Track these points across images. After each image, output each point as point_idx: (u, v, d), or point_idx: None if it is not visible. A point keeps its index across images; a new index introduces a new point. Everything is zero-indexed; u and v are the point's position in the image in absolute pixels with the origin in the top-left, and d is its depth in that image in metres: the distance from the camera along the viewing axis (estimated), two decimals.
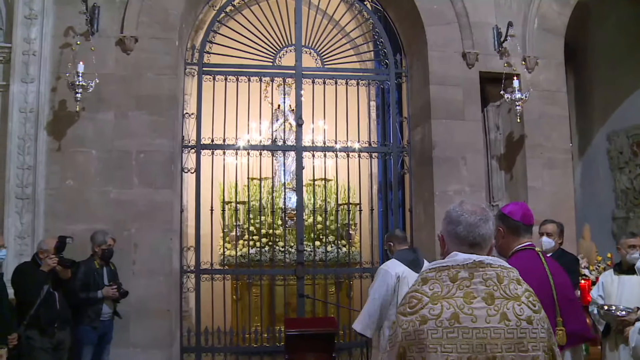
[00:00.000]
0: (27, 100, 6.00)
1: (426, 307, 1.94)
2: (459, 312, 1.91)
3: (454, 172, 6.84)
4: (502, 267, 2.01)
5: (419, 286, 2.01)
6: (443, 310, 1.91)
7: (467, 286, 1.95)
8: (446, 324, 1.90)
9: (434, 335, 1.89)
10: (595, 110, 8.25)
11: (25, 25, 6.07)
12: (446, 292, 1.95)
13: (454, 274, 1.98)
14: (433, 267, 2.04)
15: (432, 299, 1.95)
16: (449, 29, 7.04)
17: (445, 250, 2.12)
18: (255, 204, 7.92)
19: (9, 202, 5.86)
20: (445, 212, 2.15)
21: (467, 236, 2.05)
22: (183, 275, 6.76)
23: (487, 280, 1.97)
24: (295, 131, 7.62)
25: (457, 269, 1.99)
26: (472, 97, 6.99)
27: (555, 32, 7.28)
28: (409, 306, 1.98)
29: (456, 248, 2.06)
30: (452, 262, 2.01)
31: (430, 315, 1.92)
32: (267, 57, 7.29)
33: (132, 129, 6.27)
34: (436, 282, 1.98)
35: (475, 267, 1.99)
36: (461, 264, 2.00)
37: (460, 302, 1.93)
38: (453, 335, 1.89)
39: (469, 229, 2.05)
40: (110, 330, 5.73)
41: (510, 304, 1.94)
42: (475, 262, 1.99)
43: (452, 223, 2.09)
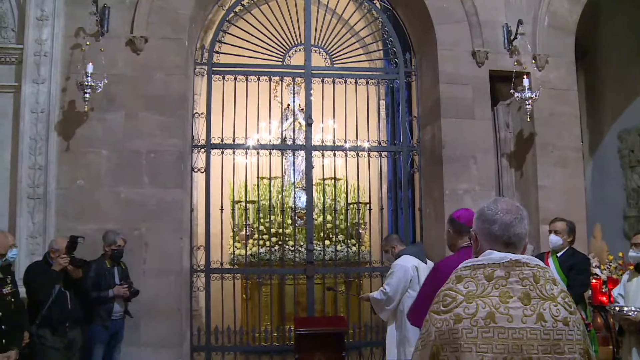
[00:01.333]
0: (39, 101, 6.05)
1: (461, 306, 1.90)
2: (494, 312, 1.87)
3: (464, 171, 6.82)
4: (538, 266, 1.97)
5: (453, 284, 1.97)
6: (478, 310, 1.88)
7: (503, 285, 1.91)
8: (481, 323, 1.86)
9: (469, 335, 1.86)
10: (606, 109, 8.20)
11: (36, 27, 6.11)
12: (481, 290, 1.91)
13: (489, 272, 1.94)
14: (468, 265, 2.00)
15: (467, 298, 1.91)
16: (458, 28, 7.02)
17: (479, 249, 2.07)
18: (265, 203, 7.93)
19: (20, 202, 5.91)
20: (479, 210, 2.11)
21: (502, 235, 2.01)
22: (193, 275, 6.78)
23: (524, 280, 1.92)
24: (304, 130, 7.62)
25: (493, 268, 1.94)
26: (482, 96, 6.97)
27: (566, 30, 7.24)
28: (443, 304, 1.94)
29: (490, 247, 2.02)
30: (487, 260, 1.97)
31: (465, 314, 1.88)
32: (276, 56, 7.30)
33: (142, 129, 6.30)
34: (471, 281, 1.94)
35: (512, 266, 1.94)
36: (497, 262, 1.95)
37: (496, 302, 1.88)
38: (488, 335, 1.85)
39: (504, 228, 2.01)
40: (121, 329, 5.76)
41: (547, 305, 1.89)
42: (512, 261, 1.95)
43: (487, 222, 2.05)
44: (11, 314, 4.14)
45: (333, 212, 8.09)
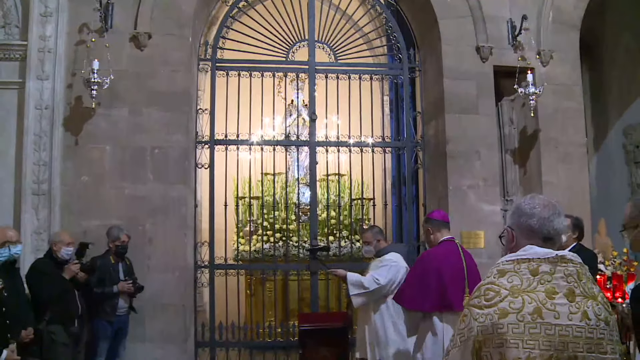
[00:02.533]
0: (43, 97, 6.06)
1: (505, 300, 1.85)
2: (541, 307, 1.82)
3: (468, 166, 6.81)
4: (581, 264, 1.94)
5: (496, 278, 1.92)
6: (525, 304, 1.83)
7: (549, 281, 1.87)
8: (528, 318, 1.81)
9: (516, 330, 1.80)
10: (611, 104, 8.16)
11: (40, 23, 6.12)
12: (527, 285, 1.87)
13: (534, 267, 1.89)
14: (511, 259, 1.95)
15: (512, 292, 1.86)
16: (462, 23, 7.00)
17: (514, 245, 2.03)
18: (269, 199, 7.93)
19: (25, 198, 5.92)
20: (515, 205, 2.09)
21: (541, 229, 1.98)
22: (197, 271, 6.80)
23: (569, 277, 1.88)
24: (308, 126, 7.61)
25: (538, 263, 1.90)
26: (486, 92, 6.95)
27: (571, 25, 7.21)
28: (485, 299, 1.89)
29: (528, 242, 1.98)
30: (532, 254, 1.93)
31: (511, 309, 1.83)
32: (280, 52, 7.30)
33: (146, 125, 6.31)
34: (515, 275, 1.89)
35: (558, 261, 1.90)
36: (542, 257, 1.91)
37: (542, 297, 1.84)
38: (535, 331, 1.80)
39: (542, 222, 1.98)
40: (126, 324, 5.79)
41: (590, 303, 1.86)
42: (558, 257, 1.91)
43: (525, 215, 2.01)
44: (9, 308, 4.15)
45: (337, 207, 8.09)
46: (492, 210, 6.79)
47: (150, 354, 5.99)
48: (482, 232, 6.70)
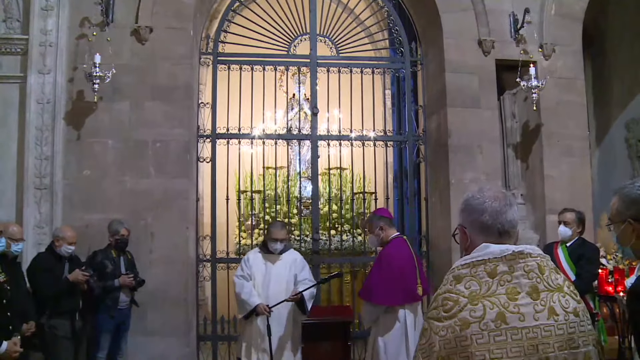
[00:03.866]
0: (44, 91, 6.05)
1: (465, 309, 1.69)
2: (504, 311, 1.68)
3: (470, 160, 6.80)
4: (541, 256, 1.79)
5: (452, 285, 1.77)
6: (486, 311, 1.68)
7: (509, 281, 1.72)
8: (492, 326, 1.66)
9: (480, 341, 1.65)
10: (614, 98, 8.14)
11: (41, 17, 6.11)
12: (486, 289, 1.71)
13: (492, 268, 1.74)
14: (465, 263, 1.79)
15: (471, 299, 1.70)
16: (464, 16, 6.98)
17: (469, 244, 1.87)
18: (271, 193, 7.93)
19: (27, 192, 5.93)
20: (463, 201, 1.92)
21: (495, 224, 1.82)
22: (199, 264, 6.81)
23: (530, 273, 1.74)
24: (310, 120, 7.61)
25: (495, 263, 1.75)
26: (488, 85, 6.93)
27: (573, 18, 7.18)
28: (444, 310, 1.73)
29: (483, 239, 1.82)
30: (486, 254, 1.77)
31: (472, 318, 1.68)
32: (281, 46, 7.29)
33: (148, 119, 6.31)
34: (472, 280, 1.74)
35: (515, 258, 1.75)
36: (499, 256, 1.76)
37: (504, 300, 1.69)
38: (501, 339, 1.65)
39: (495, 216, 1.82)
40: (127, 318, 5.79)
41: (556, 297, 1.73)
42: (515, 253, 1.76)
43: (475, 212, 1.85)
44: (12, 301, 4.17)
45: (339, 201, 8.09)
46: None
47: (152, 348, 6.00)
48: None
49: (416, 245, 7.36)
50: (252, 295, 5.15)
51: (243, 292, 5.17)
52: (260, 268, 5.35)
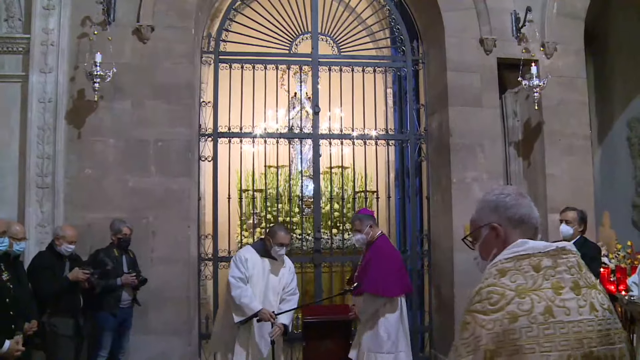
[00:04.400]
0: (46, 90, 6.06)
1: (513, 303, 1.68)
2: (551, 305, 1.67)
3: (472, 159, 6.80)
4: (578, 254, 1.82)
5: (496, 279, 1.75)
6: (534, 305, 1.67)
7: (552, 276, 1.73)
8: (540, 319, 1.65)
9: (529, 334, 1.64)
10: (616, 96, 8.12)
11: (43, 16, 6.11)
12: (532, 283, 1.71)
13: (536, 262, 1.75)
14: (509, 257, 1.78)
15: (519, 293, 1.70)
16: (466, 15, 6.97)
17: (503, 240, 1.87)
18: (273, 192, 7.94)
19: (29, 191, 5.94)
20: (489, 200, 1.93)
21: (530, 220, 1.87)
22: (201, 263, 6.82)
23: (571, 268, 1.75)
24: (311, 119, 7.61)
25: (539, 257, 1.76)
26: (489, 84, 6.93)
27: (575, 16, 7.17)
28: (489, 303, 1.70)
29: (520, 235, 1.85)
30: (531, 249, 1.78)
31: (521, 311, 1.66)
32: (283, 44, 7.29)
33: (150, 118, 6.31)
34: (517, 273, 1.74)
35: (558, 254, 1.77)
36: (543, 251, 1.77)
37: (550, 294, 1.69)
38: (550, 332, 1.65)
39: (530, 212, 1.88)
40: (129, 317, 5.80)
41: (594, 293, 1.74)
42: (558, 249, 1.78)
43: (510, 207, 1.88)
44: (14, 300, 4.19)
45: (340, 200, 8.09)
46: None
47: (154, 346, 6.01)
48: None
49: (418, 244, 7.38)
50: (253, 299, 4.84)
51: (244, 295, 4.81)
52: (259, 272, 5.01)
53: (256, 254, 5.05)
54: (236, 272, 4.90)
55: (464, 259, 6.59)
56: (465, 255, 6.61)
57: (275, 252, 5.04)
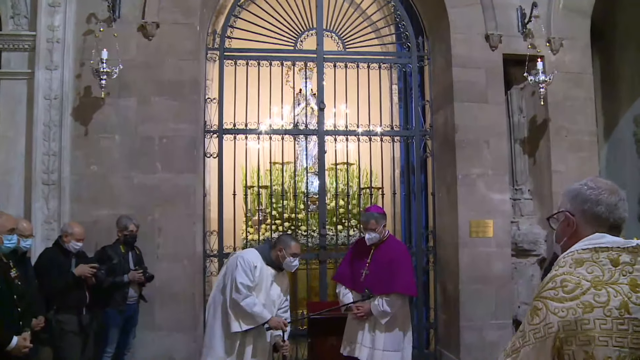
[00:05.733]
0: (52, 87, 6.08)
1: (589, 293, 1.65)
2: (627, 301, 1.63)
3: (477, 155, 6.79)
4: None
5: (572, 268, 1.73)
6: (610, 298, 1.63)
7: (630, 272, 1.68)
8: (616, 313, 1.61)
9: (604, 326, 1.61)
10: (622, 92, 8.07)
11: (48, 13, 6.13)
12: (609, 277, 1.68)
13: (615, 256, 1.71)
14: (588, 247, 1.75)
15: (595, 284, 1.67)
16: (471, 11, 6.94)
17: (574, 231, 1.87)
18: (278, 188, 7.94)
19: (35, 188, 5.96)
20: (575, 189, 1.91)
21: (609, 217, 1.81)
22: (206, 260, 6.84)
23: None
24: (317, 115, 7.61)
25: (618, 252, 1.71)
26: (495, 80, 6.91)
27: (581, 12, 7.13)
28: (564, 291, 1.69)
29: (593, 229, 1.81)
30: (611, 243, 1.74)
31: (597, 303, 1.64)
32: (288, 41, 7.28)
33: (155, 115, 6.32)
34: (594, 265, 1.71)
35: (638, 251, 1.72)
36: (622, 246, 1.73)
37: (627, 290, 1.64)
38: (623, 328, 1.60)
39: (610, 209, 1.81)
40: (136, 313, 5.83)
41: None
42: (638, 246, 1.72)
43: (589, 202, 1.84)
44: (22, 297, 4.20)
45: (346, 197, 8.09)
46: (501, 200, 6.77)
47: (160, 342, 6.03)
48: (490, 221, 6.68)
49: (423, 240, 7.37)
50: (264, 308, 4.62)
51: (255, 304, 4.56)
52: (263, 282, 4.75)
53: (263, 262, 4.78)
54: (246, 279, 4.59)
55: (470, 255, 6.60)
56: (470, 252, 6.61)
57: (289, 263, 4.79)
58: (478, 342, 6.51)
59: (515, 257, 6.81)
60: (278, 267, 4.81)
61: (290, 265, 4.80)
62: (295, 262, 4.83)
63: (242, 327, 4.56)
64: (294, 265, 4.85)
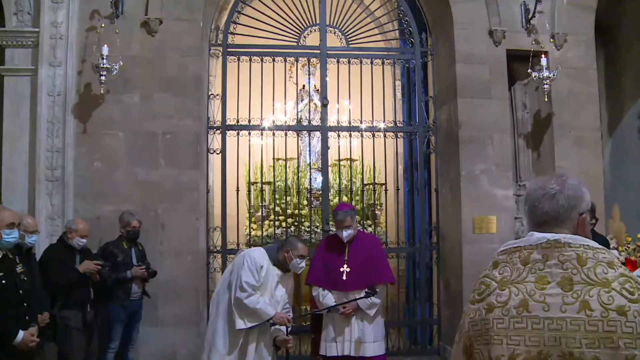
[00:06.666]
0: (55, 84, 6.09)
1: (493, 294, 1.72)
2: (528, 299, 1.66)
3: (481, 151, 6.77)
4: (585, 246, 1.69)
5: (490, 270, 1.79)
6: (511, 297, 1.68)
7: (540, 269, 1.68)
8: (513, 312, 1.66)
9: (500, 325, 1.67)
10: (626, 88, 8.04)
11: (52, 10, 6.13)
12: (516, 276, 1.71)
13: (525, 255, 1.72)
14: (505, 249, 1.79)
15: (500, 285, 1.72)
16: (475, 6, 6.92)
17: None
18: (281, 185, 7.95)
19: (39, 185, 5.98)
20: None
21: (532, 214, 1.81)
22: (210, 255, 6.85)
23: (565, 263, 1.66)
24: (320, 111, 7.60)
25: (530, 250, 1.72)
26: (498, 76, 6.89)
27: (586, 7, 7.10)
28: (477, 293, 1.78)
29: (531, 228, 1.81)
30: (524, 242, 1.75)
31: (497, 303, 1.70)
32: (291, 37, 7.27)
33: (158, 111, 6.32)
34: (507, 265, 1.74)
35: (550, 247, 1.70)
36: (534, 244, 1.72)
37: (530, 288, 1.67)
38: (521, 326, 1.65)
39: (534, 205, 1.79)
40: (139, 309, 5.83)
41: (595, 291, 1.61)
42: (550, 242, 1.70)
43: (527, 200, 1.85)
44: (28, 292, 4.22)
45: (349, 192, 8.09)
46: (505, 196, 6.76)
47: (163, 338, 6.05)
48: (494, 217, 6.67)
49: (426, 236, 7.37)
50: (268, 304, 4.58)
51: (259, 301, 4.51)
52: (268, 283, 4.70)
53: (270, 262, 4.72)
54: (251, 279, 4.54)
55: (473, 251, 6.59)
56: (473, 248, 6.61)
57: (296, 265, 4.74)
58: None
59: None
60: (284, 268, 4.78)
61: (297, 266, 4.77)
62: (302, 264, 4.79)
63: (246, 324, 4.54)
64: (301, 267, 4.81)
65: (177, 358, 6.11)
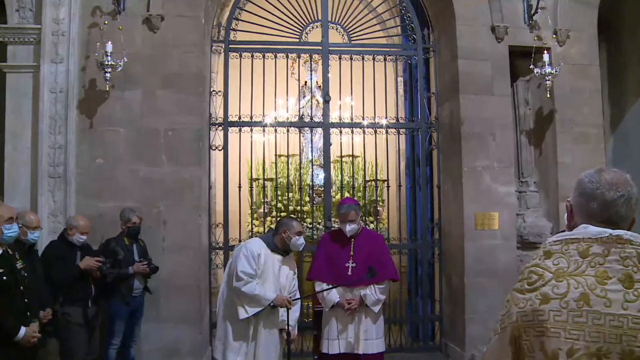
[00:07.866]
0: (57, 81, 6.08)
1: (548, 285, 1.65)
2: (589, 293, 1.60)
3: (483, 147, 6.76)
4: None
5: (541, 260, 1.73)
6: (570, 289, 1.62)
7: (600, 264, 1.64)
8: (573, 305, 1.60)
9: (557, 318, 1.61)
10: (629, 84, 8.02)
11: (53, 6, 6.12)
12: (574, 268, 1.65)
13: (584, 248, 1.67)
14: (559, 239, 1.73)
15: (556, 276, 1.66)
16: (477, 2, 6.90)
17: (573, 224, 1.81)
18: (283, 181, 7.95)
19: (41, 181, 5.98)
20: (578, 179, 1.82)
21: (601, 214, 1.73)
22: (212, 252, 6.86)
23: (625, 260, 1.63)
24: (322, 107, 7.60)
25: (589, 243, 1.67)
26: (501, 72, 6.87)
27: (588, 3, 7.07)
28: (528, 282, 1.70)
29: (585, 222, 1.75)
30: (582, 234, 1.70)
31: (554, 294, 1.63)
32: (293, 33, 7.27)
33: (160, 107, 6.32)
34: (562, 257, 1.69)
35: (612, 242, 1.65)
36: (594, 237, 1.68)
37: (591, 282, 1.61)
38: (581, 320, 1.59)
39: (605, 206, 1.72)
40: (141, 305, 5.85)
41: None
42: (612, 237, 1.66)
43: (584, 196, 1.76)
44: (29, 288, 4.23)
45: (351, 189, 8.08)
46: (507, 192, 6.75)
47: (165, 335, 6.06)
48: (496, 213, 6.67)
49: (428, 233, 7.37)
50: (266, 289, 4.59)
51: (256, 288, 4.51)
52: (270, 268, 4.71)
53: (267, 249, 4.73)
54: (247, 267, 4.55)
55: (475, 247, 6.59)
56: (475, 244, 6.61)
57: (296, 242, 4.75)
58: (483, 335, 6.48)
59: (520, 250, 6.79)
60: (284, 250, 4.82)
61: (297, 244, 4.78)
62: (301, 240, 4.80)
63: (248, 312, 4.56)
64: (301, 244, 4.81)
65: (179, 354, 6.12)
